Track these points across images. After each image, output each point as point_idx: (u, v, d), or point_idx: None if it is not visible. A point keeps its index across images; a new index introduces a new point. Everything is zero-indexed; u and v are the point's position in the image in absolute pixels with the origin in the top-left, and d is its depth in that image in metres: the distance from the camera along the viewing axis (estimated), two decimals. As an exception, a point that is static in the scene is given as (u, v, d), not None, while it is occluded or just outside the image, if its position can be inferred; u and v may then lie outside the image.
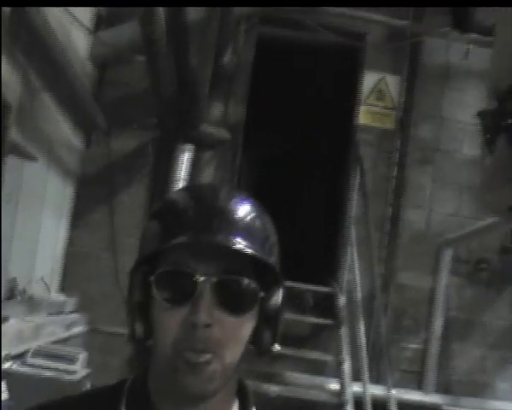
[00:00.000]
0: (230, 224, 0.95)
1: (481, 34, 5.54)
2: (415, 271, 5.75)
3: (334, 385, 5.14)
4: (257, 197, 1.03)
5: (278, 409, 4.92)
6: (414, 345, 5.72)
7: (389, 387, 4.67)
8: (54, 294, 5.06)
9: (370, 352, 5.21)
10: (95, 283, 5.42)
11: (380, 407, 4.66)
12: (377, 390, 4.91)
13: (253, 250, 0.94)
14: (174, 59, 4.44)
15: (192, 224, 0.94)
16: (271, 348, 1.03)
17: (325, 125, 7.25)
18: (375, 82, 5.95)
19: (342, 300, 5.46)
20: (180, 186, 5.09)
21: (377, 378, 5.24)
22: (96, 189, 5.54)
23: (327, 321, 5.46)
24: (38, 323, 4.09)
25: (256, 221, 0.99)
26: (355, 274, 5.17)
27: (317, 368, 5.43)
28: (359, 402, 4.75)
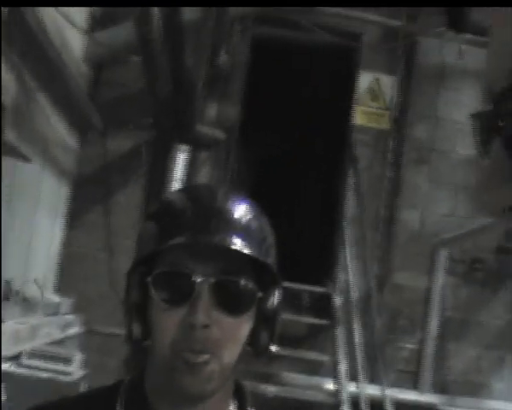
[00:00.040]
0: (228, 224, 0.95)
1: (476, 34, 5.55)
2: (410, 271, 5.76)
3: (330, 385, 5.15)
4: (252, 197, 1.03)
5: (275, 409, 4.92)
6: (410, 345, 5.73)
7: (384, 387, 4.68)
8: (49, 295, 5.04)
9: (366, 352, 5.22)
10: (91, 283, 5.41)
11: (376, 407, 4.67)
12: (373, 390, 4.92)
13: (251, 251, 0.94)
14: (169, 59, 4.44)
15: (189, 224, 0.94)
16: (269, 349, 1.03)
17: (320, 125, 7.25)
18: (371, 82, 5.96)
19: (338, 300, 5.47)
20: (176, 186, 5.09)
21: (373, 378, 5.25)
22: (92, 189, 5.53)
23: (323, 321, 5.47)
24: (34, 324, 4.08)
25: (254, 222, 0.99)
26: (351, 274, 5.18)
27: (314, 368, 5.44)
28: (356, 402, 4.76)
